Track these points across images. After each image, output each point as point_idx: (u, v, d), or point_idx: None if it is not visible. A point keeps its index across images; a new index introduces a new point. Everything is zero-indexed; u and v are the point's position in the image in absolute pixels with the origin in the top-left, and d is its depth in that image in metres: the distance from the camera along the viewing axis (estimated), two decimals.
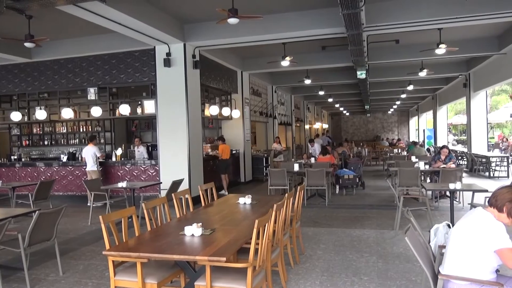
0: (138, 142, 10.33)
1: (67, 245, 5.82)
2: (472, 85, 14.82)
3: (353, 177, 9.91)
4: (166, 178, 8.75)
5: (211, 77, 10.78)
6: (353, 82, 16.24)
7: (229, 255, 2.79)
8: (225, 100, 12.37)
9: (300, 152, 20.92)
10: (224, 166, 10.56)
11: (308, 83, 14.03)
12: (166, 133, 9.04)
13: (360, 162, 10.88)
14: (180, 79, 8.88)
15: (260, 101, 15.41)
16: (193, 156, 9.04)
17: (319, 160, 10.69)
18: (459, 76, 15.46)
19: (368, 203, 8.80)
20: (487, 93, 15.04)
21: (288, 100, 20.10)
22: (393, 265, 4.63)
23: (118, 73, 9.74)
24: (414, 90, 18.80)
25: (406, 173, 8.09)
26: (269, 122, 16.52)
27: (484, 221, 2.60)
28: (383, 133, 35.33)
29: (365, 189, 10.74)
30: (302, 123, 23.14)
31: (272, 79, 16.39)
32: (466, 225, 2.68)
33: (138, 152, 10.24)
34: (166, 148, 9.04)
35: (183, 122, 8.89)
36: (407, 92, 19.78)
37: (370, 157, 18.91)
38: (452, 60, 13.82)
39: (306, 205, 8.52)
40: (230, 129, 12.74)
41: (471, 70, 14.31)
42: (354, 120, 36.61)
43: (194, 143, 9.12)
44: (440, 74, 15.16)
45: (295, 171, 9.34)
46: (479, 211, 2.68)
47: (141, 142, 10.45)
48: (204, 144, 11.82)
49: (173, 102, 8.96)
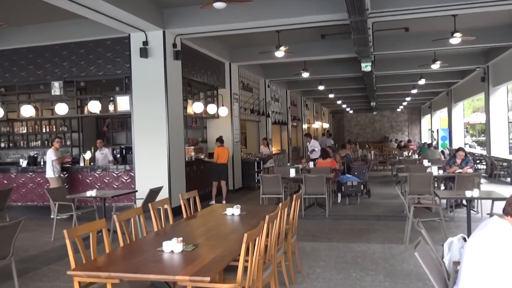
0: (101, 144, 10.26)
1: (27, 264, 5.76)
2: (491, 79, 15.00)
3: (357, 184, 9.96)
4: (142, 185, 8.70)
5: (195, 70, 10.76)
6: (357, 76, 16.35)
7: (214, 274, 2.78)
8: (211, 96, 12.35)
9: (297, 155, 20.99)
10: (218, 172, 10.52)
11: (306, 76, 14.08)
12: (142, 134, 9.00)
13: (365, 166, 10.94)
14: (158, 72, 8.85)
15: (251, 97, 15.42)
16: (173, 161, 9.01)
17: (319, 165, 10.71)
18: (477, 69, 15.65)
19: (374, 214, 8.84)
20: (508, 88, 15.24)
21: (283, 96, 20.15)
22: (402, 285, 4.66)
23: (87, 64, 9.68)
24: (426, 84, 18.98)
25: (417, 179, 8.15)
26: (262, 121, 16.54)
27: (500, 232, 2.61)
28: (392, 134, 35.61)
29: (371, 197, 10.80)
30: (299, 122, 23.22)
31: (265, 72, 16.42)
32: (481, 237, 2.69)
33: (101, 155, 10.20)
34: (142, 151, 9.01)
35: (162, 121, 8.86)
36: (418, 87, 19.97)
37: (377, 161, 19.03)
38: (469, 51, 13.99)
39: (304, 216, 8.53)
40: (216, 129, 12.73)
41: (490, 62, 14.49)
42: (359, 119, 36.84)
43: (175, 145, 9.09)
44: (455, 67, 15.34)
45: (291, 177, 9.34)
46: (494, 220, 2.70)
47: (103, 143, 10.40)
48: (187, 147, 11.78)
49: (150, 98, 8.93)
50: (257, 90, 16.42)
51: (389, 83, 19.24)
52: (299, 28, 8.99)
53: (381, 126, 36.33)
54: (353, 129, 36.92)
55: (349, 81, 18.92)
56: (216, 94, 12.44)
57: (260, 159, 13.86)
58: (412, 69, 15.33)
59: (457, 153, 8.90)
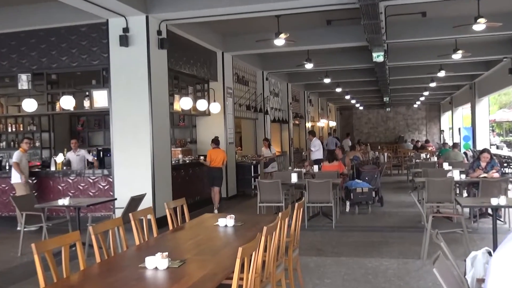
0: (76, 145, 10.25)
1: None
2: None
3: (368, 190, 9.98)
4: (122, 193, 8.69)
5: (183, 60, 10.76)
6: (368, 67, 16.38)
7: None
8: (201, 91, 12.35)
9: (299, 158, 21.02)
10: (211, 177, 10.66)
11: (310, 68, 14.11)
12: (122, 134, 9.00)
13: (377, 170, 10.96)
14: (141, 63, 8.85)
15: (247, 91, 15.43)
16: (158, 164, 9.01)
17: (324, 169, 10.72)
18: (503, 60, 15.70)
19: (387, 225, 8.86)
20: None
21: (283, 91, 20.18)
22: None
23: (59, 54, 9.66)
24: (446, 77, 19.03)
25: (437, 184, 8.18)
26: (259, 118, 16.56)
27: None
28: (407, 133, 35.72)
29: (384, 206, 10.82)
30: (302, 120, 23.27)
31: (263, 63, 16.45)
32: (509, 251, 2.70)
33: (77, 158, 10.20)
34: (122, 153, 9.00)
35: (145, 119, 8.85)
36: (437, 80, 20.04)
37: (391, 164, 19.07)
38: (495, 39, 14.03)
39: (307, 228, 8.54)
40: (207, 128, 12.74)
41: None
42: (370, 116, 36.94)
43: (160, 146, 9.09)
44: (480, 57, 15.41)
45: (293, 183, 9.34)
46: None
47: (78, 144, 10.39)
48: (173, 148, 11.78)
49: (132, 92, 8.93)
50: (254, 83, 16.43)
51: (404, 76, 19.27)
52: (301, 12, 9.00)
53: (395, 124, 36.43)
54: (363, 127, 37.01)
55: (359, 73, 18.95)
56: (207, 88, 12.43)
57: (257, 162, 13.87)
58: (430, 60, 15.37)
59: (481, 155, 8.91)
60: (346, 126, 37.52)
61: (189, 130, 13.56)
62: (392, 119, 36.50)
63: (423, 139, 31.46)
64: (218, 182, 10.84)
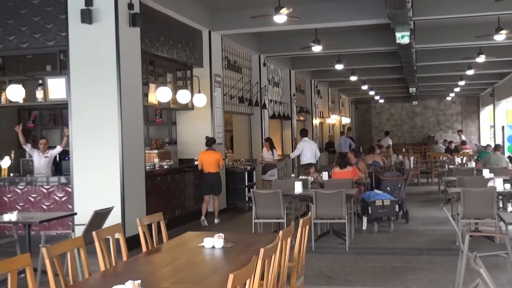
0: (46, 146, 10.18)
1: None
2: None
3: (390, 203, 9.99)
4: (83, 206, 8.66)
5: (160, 41, 10.74)
6: (390, 50, 16.39)
7: None
8: (183, 79, 12.33)
9: None
10: (207, 184, 11.19)
11: (318, 51, 14.09)
12: (84, 132, 8.98)
13: (401, 179, 10.97)
14: (108, 44, 8.83)
15: (240, 80, 15.41)
16: (129, 170, 9.00)
17: (336, 176, 10.72)
18: None
19: (413, 246, 8.86)
20: None
21: (285, 79, 20.18)
22: None
23: (5, 33, 9.61)
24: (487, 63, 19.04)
25: (475, 196, 8.19)
26: (255, 113, 16.56)
27: None
28: (439, 133, 35.79)
29: (409, 222, 10.84)
30: (308, 116, 23.28)
31: (260, 45, 16.44)
32: None
33: (45, 160, 10.17)
34: (84, 156, 8.98)
35: (112, 114, 8.84)
36: (475, 67, 20.07)
37: (418, 170, 19.11)
38: None
39: (315, 250, 8.52)
40: (190, 125, 12.72)
41: None
42: (393, 111, 37.01)
43: (131, 148, 9.08)
44: None
45: (297, 194, 9.33)
46: None
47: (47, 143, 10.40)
48: (148, 151, 11.75)
49: (96, 81, 8.91)
50: (248, 70, 16.41)
51: (434, 61, 19.29)
52: None
53: (423, 121, 36.49)
54: (384, 125, 37.05)
55: (379, 58, 18.95)
56: (189, 75, 12.41)
57: (253, 168, 13.86)
58: (466, 42, 15.39)
59: None
60: (362, 124, 37.56)
61: (167, 128, 13.52)
62: (419, 115, 36.55)
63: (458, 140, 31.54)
64: (217, 190, 11.19)
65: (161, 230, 5.43)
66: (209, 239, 4.78)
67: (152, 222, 5.34)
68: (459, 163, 15.51)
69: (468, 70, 20.21)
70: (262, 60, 16.86)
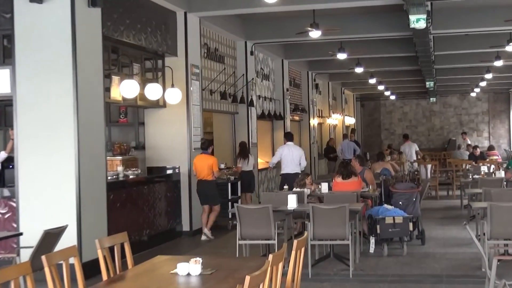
0: None
1: None
2: None
3: (402, 221, 10.00)
4: (31, 224, 8.61)
5: (125, 24, 10.71)
6: (404, 37, 16.45)
7: None
8: (153, 70, 12.31)
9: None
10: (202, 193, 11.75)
11: (317, 37, 14.10)
12: (32, 134, 8.94)
13: (416, 191, 10.99)
14: (62, 28, 8.80)
15: (222, 71, 15.40)
16: (86, 181, 8.97)
17: (337, 188, 10.74)
18: None
19: (431, 272, 8.87)
20: None
21: (277, 71, 20.18)
22: None
23: None
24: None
25: (504, 212, 8.21)
26: (240, 112, 16.55)
27: None
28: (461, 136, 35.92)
29: (426, 244, 10.84)
30: (304, 116, 23.30)
31: (247, 30, 16.43)
32: None
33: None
34: (32, 164, 8.94)
35: (67, 113, 8.81)
36: (504, 57, 20.19)
37: (436, 181, 19.19)
38: None
39: (312, 277, 8.51)
40: (161, 127, 12.68)
41: None
42: (406, 109, 37.13)
43: (88, 153, 9.05)
44: None
45: (290, 210, 9.32)
46: None
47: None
48: (110, 157, 11.71)
49: (47, 72, 8.88)
50: (232, 60, 16.40)
51: (455, 50, 19.37)
52: None
53: (443, 122, 36.64)
54: (396, 126, 37.18)
55: (390, 45, 19.01)
56: (161, 66, 12.39)
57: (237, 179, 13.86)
58: (494, 27, 15.46)
59: None
60: (370, 125, 37.64)
61: (133, 129, 13.49)
62: (438, 114, 36.70)
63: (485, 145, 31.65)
64: (213, 200, 11.66)
65: (126, 253, 5.41)
66: (183, 265, 4.76)
67: (115, 244, 5.31)
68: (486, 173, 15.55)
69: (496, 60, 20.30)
70: (249, 47, 16.85)
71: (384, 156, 16.18)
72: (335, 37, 16.29)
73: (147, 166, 12.58)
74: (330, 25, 14.35)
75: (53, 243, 6.92)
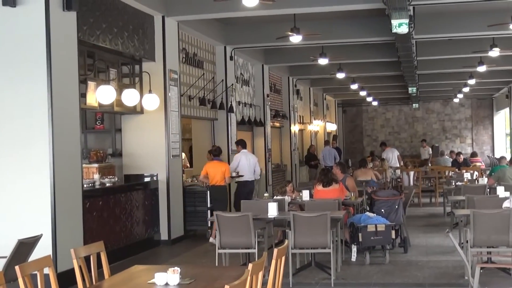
0: None
1: None
2: None
3: (384, 229, 10.03)
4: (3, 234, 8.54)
5: (101, 29, 10.67)
6: (386, 42, 16.54)
7: None
8: (130, 75, 12.27)
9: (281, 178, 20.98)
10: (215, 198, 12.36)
11: (298, 41, 14.13)
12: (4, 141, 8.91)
13: (398, 199, 11.04)
14: (36, 32, 8.77)
15: (201, 76, 15.38)
16: (61, 189, 8.93)
17: (319, 196, 10.75)
18: None
19: (413, 281, 8.91)
20: None
21: (257, 76, 20.19)
22: None
23: None
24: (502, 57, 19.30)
25: (487, 220, 8.26)
26: (220, 118, 16.53)
27: None
28: (444, 142, 36.14)
29: (409, 252, 10.90)
30: (285, 122, 23.32)
31: (226, 35, 16.43)
32: None
33: None
34: (4, 171, 8.90)
35: (41, 119, 8.77)
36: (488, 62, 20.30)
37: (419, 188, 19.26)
38: None
39: (293, 286, 8.53)
40: (139, 133, 12.64)
41: None
42: (389, 115, 37.29)
43: (64, 161, 9.01)
44: None
45: (271, 218, 9.33)
46: None
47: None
48: (86, 165, 11.66)
49: (20, 78, 8.85)
50: (211, 65, 16.39)
51: (439, 55, 19.49)
52: None
53: (426, 128, 36.81)
54: (378, 133, 37.33)
55: (372, 50, 19.10)
56: (138, 71, 12.36)
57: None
58: (478, 32, 15.56)
59: None
60: (352, 131, 37.74)
61: (110, 136, 13.44)
62: (421, 120, 36.89)
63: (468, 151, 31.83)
64: (221, 205, 12.24)
65: (102, 263, 5.38)
66: (161, 275, 4.76)
67: (91, 253, 5.29)
68: (469, 179, 15.65)
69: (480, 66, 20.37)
70: (229, 52, 16.84)
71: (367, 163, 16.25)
72: (316, 42, 16.32)
73: (124, 174, 12.53)
74: (311, 30, 14.39)
75: (27, 253, 6.88)
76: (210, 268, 6.68)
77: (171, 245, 12.37)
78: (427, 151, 27.15)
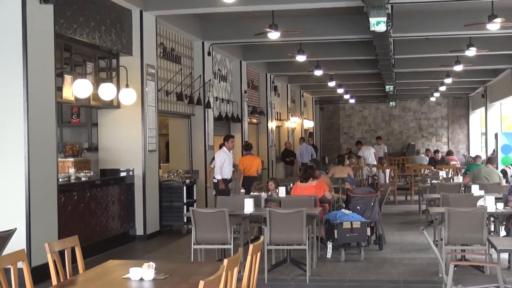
0: None
1: None
2: None
3: (360, 226, 10.09)
4: None
5: (78, 22, 10.61)
6: (364, 40, 16.61)
7: None
8: (107, 69, 12.23)
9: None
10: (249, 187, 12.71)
11: (276, 38, 14.15)
12: None
13: (374, 196, 11.10)
14: (11, 25, 8.74)
15: (178, 71, 15.35)
16: (36, 183, 8.90)
17: (296, 192, 10.78)
18: None
19: (388, 278, 8.98)
20: None
21: (235, 72, 20.18)
22: None
23: None
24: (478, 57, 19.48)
25: (461, 218, 8.35)
26: (197, 114, 16.50)
27: None
28: (421, 140, 36.35)
29: (384, 249, 10.99)
30: (262, 118, 23.35)
31: (204, 30, 16.40)
32: None
33: None
34: None
35: (16, 113, 8.74)
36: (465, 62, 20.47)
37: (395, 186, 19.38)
38: None
39: (268, 282, 8.55)
40: (115, 128, 12.59)
41: None
42: (365, 113, 37.40)
43: (39, 155, 8.98)
44: None
45: (247, 214, 9.36)
46: None
47: None
48: (61, 159, 11.60)
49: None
50: (189, 60, 16.36)
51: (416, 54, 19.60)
52: None
53: (402, 126, 36.98)
54: (355, 130, 37.42)
55: (349, 48, 19.15)
56: (115, 65, 12.32)
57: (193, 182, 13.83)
58: (455, 31, 15.67)
59: None
60: (329, 128, 37.79)
61: (86, 130, 13.34)
62: (398, 118, 37.03)
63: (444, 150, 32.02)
64: None
65: (77, 258, 5.37)
66: (136, 270, 4.76)
67: (65, 248, 5.27)
68: (444, 178, 15.76)
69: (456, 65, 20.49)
70: (207, 48, 16.80)
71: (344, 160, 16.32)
72: (295, 38, 16.35)
73: (100, 168, 12.47)
74: (289, 27, 14.41)
75: (0, 247, 6.83)
76: (185, 264, 6.68)
77: (146, 240, 12.35)
78: (383, 149, 27.11)
